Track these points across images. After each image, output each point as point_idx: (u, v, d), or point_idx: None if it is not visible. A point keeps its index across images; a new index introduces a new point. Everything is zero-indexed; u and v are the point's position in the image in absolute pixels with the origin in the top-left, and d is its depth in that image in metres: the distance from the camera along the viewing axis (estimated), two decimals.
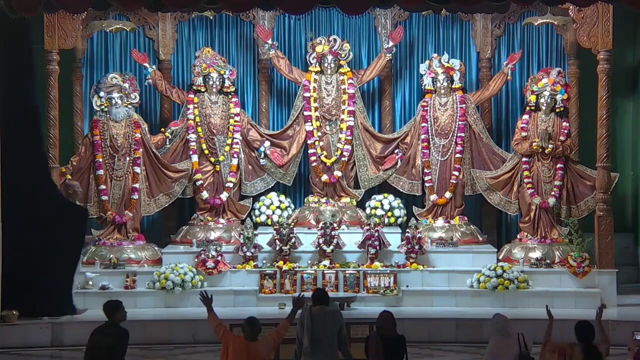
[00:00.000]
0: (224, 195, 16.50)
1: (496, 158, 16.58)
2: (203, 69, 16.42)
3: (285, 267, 15.36)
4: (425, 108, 16.62)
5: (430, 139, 16.58)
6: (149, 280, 15.25)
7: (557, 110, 16.07)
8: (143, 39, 17.11)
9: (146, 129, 16.33)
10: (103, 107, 16.04)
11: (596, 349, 8.01)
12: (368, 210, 16.48)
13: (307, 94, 16.64)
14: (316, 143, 16.67)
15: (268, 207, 16.47)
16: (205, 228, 16.25)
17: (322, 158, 16.66)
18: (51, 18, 14.91)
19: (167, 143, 16.39)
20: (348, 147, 16.68)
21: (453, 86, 16.52)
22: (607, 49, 15.29)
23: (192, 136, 16.51)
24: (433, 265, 15.76)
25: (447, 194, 16.46)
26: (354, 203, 16.78)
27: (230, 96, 16.63)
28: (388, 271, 15.37)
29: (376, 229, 15.70)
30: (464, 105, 16.47)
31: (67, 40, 15.22)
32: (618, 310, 14.78)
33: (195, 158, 16.50)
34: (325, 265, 15.45)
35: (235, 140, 16.58)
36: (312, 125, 16.66)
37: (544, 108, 16.02)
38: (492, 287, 15.01)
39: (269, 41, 16.62)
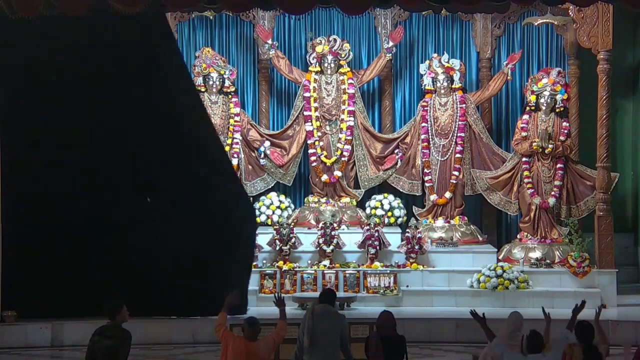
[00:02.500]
0: None
1: (496, 158, 16.58)
2: (203, 69, 16.42)
3: (285, 267, 15.36)
4: (425, 108, 16.63)
5: (430, 139, 16.58)
6: None
7: (557, 110, 16.08)
8: None
9: None
10: None
11: (596, 349, 8.01)
12: (368, 210, 16.47)
13: (307, 94, 16.64)
14: (316, 143, 16.67)
15: (268, 207, 16.46)
16: None
17: (322, 158, 16.66)
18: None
19: None
20: (348, 147, 16.68)
21: (453, 86, 16.53)
22: (607, 49, 15.30)
23: None
24: (433, 265, 15.77)
25: (447, 194, 16.46)
26: (354, 203, 16.78)
27: (230, 96, 16.64)
28: (388, 271, 15.37)
29: (376, 229, 15.70)
30: (464, 105, 16.47)
31: None
32: (618, 310, 14.78)
33: None
34: (325, 265, 15.46)
35: (235, 140, 16.58)
36: (312, 125, 16.66)
37: (544, 108, 16.02)
38: (492, 287, 15.01)
39: (269, 41, 16.62)
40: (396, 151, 16.77)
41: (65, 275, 13.61)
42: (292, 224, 15.93)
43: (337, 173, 16.69)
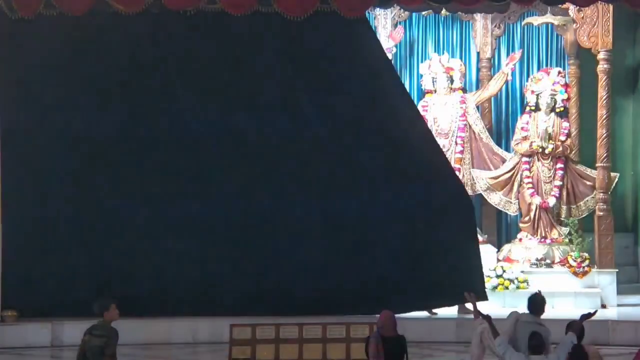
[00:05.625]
0: None
1: (496, 158, 16.57)
2: None
3: None
4: (425, 108, 16.61)
5: None
6: None
7: (557, 110, 16.08)
8: None
9: None
10: None
11: (583, 348, 7.98)
12: None
13: None
14: None
15: None
16: None
17: None
18: None
19: None
20: None
21: (453, 86, 16.52)
22: (607, 49, 15.32)
23: None
24: None
25: None
26: None
27: None
28: None
29: None
30: (464, 105, 16.47)
31: None
32: (618, 310, 14.78)
33: None
34: None
35: None
36: None
37: (543, 108, 16.03)
38: (492, 287, 15.00)
39: None
40: None
41: (66, 275, 13.61)
42: None
43: None
